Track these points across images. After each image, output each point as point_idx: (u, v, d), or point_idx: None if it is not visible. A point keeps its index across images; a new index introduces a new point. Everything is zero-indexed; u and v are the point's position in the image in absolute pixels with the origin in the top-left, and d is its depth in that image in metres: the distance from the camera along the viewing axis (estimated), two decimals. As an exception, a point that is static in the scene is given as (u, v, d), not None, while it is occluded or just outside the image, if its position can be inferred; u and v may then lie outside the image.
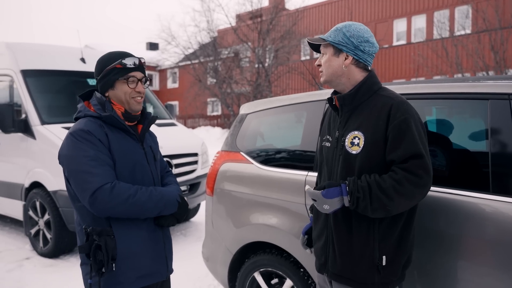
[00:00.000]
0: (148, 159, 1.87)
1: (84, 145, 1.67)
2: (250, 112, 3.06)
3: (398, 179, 1.55)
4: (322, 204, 1.62)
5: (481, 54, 15.04)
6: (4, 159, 5.40)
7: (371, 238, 1.67)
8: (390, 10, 21.04)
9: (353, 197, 1.59)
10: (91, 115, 1.76)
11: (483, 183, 1.87)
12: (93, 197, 1.61)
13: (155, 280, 1.84)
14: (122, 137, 1.79)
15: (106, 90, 1.79)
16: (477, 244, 1.84)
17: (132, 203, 1.67)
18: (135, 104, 1.81)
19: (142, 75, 1.82)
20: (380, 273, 1.68)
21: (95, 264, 1.65)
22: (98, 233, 1.68)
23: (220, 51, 21.99)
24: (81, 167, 1.64)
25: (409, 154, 1.57)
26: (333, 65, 1.74)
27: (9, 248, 5.09)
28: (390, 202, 1.56)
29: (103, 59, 1.81)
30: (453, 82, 2.12)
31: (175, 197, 1.83)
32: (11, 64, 5.36)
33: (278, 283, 2.71)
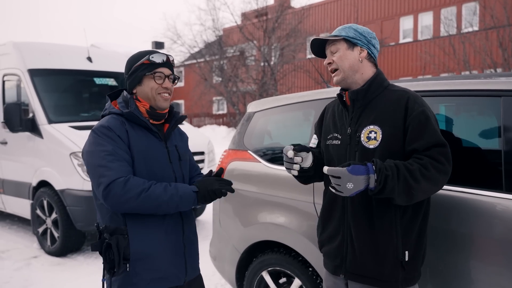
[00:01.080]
0: (171, 158, 1.84)
1: (104, 140, 1.68)
2: (258, 110, 3.04)
3: (424, 164, 1.56)
4: (346, 182, 1.50)
5: (489, 51, 14.89)
6: (11, 158, 5.43)
7: (394, 233, 1.66)
8: (396, 8, 20.91)
9: (381, 175, 1.51)
10: (114, 112, 1.79)
11: (495, 181, 1.84)
12: (106, 190, 1.60)
13: (171, 284, 1.77)
14: (144, 135, 1.78)
15: (134, 86, 1.81)
16: (489, 244, 1.82)
17: (146, 197, 1.62)
18: (161, 100, 1.80)
19: (169, 72, 1.82)
20: (404, 269, 1.67)
21: (106, 263, 1.65)
22: (111, 232, 1.67)
23: (226, 49, 21.99)
24: (98, 161, 1.65)
25: (432, 143, 1.60)
26: (349, 58, 1.75)
27: (17, 247, 5.12)
28: (416, 185, 1.53)
29: (133, 57, 1.83)
30: (465, 79, 2.09)
31: (191, 188, 1.73)
32: (18, 63, 5.38)
33: (286, 283, 2.69)
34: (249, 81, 21.06)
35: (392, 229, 1.66)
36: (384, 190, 1.52)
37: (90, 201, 4.48)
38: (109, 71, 6.05)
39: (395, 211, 1.66)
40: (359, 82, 1.76)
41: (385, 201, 1.66)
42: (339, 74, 1.77)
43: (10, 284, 3.98)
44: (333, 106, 1.94)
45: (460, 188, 1.90)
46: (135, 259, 1.68)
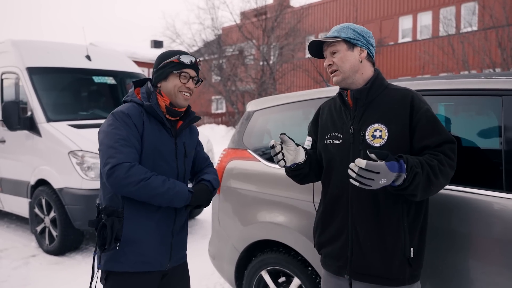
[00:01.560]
0: (177, 155, 1.95)
1: (120, 125, 1.80)
2: (257, 109, 3.03)
3: (440, 160, 1.57)
4: (382, 178, 1.42)
5: (488, 51, 14.91)
6: (10, 156, 5.41)
7: (401, 230, 1.66)
8: (395, 7, 20.92)
9: (412, 173, 1.47)
10: (135, 102, 1.91)
11: (496, 181, 1.84)
12: (111, 170, 1.71)
13: (153, 268, 1.89)
14: (158, 128, 1.89)
15: (159, 81, 1.92)
16: (489, 243, 1.81)
17: (144, 185, 1.73)
18: (181, 98, 1.91)
19: (195, 74, 1.94)
20: (411, 266, 1.67)
21: (99, 240, 1.78)
22: (108, 213, 1.80)
23: (225, 48, 21.98)
24: (111, 143, 1.76)
25: (443, 140, 1.62)
26: (349, 59, 1.75)
27: (15, 246, 5.10)
28: (436, 181, 1.54)
29: (164, 54, 1.95)
30: (465, 79, 2.09)
31: (188, 188, 1.86)
32: (17, 61, 5.36)
33: (285, 282, 2.68)
34: (248, 80, 21.05)
35: (399, 226, 1.66)
36: (409, 187, 1.50)
37: (88, 200, 4.47)
38: (108, 69, 6.04)
39: (402, 209, 1.66)
40: (359, 82, 1.77)
41: (392, 199, 1.66)
42: (339, 74, 1.77)
43: (8, 282, 3.97)
44: (329, 105, 1.93)
45: (460, 187, 1.90)
46: (125, 241, 1.82)
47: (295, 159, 1.78)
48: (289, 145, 1.76)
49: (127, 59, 6.80)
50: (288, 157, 1.76)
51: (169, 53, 1.94)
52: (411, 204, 1.68)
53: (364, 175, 1.42)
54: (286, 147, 1.76)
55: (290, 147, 1.77)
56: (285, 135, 1.76)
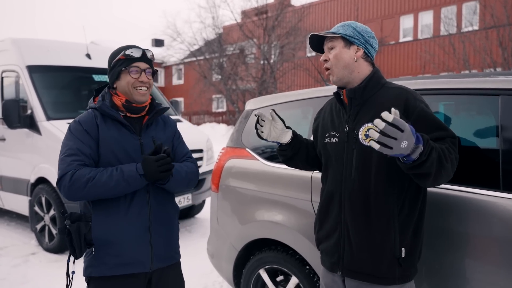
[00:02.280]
0: (144, 151, 1.86)
1: (71, 135, 1.80)
2: (256, 108, 3.03)
3: (447, 147, 1.55)
4: (404, 140, 1.30)
5: (489, 50, 14.89)
6: (10, 154, 5.42)
7: (391, 230, 1.66)
8: (396, 6, 20.88)
9: (428, 146, 1.39)
10: (91, 107, 1.89)
11: (493, 180, 1.84)
12: (59, 183, 1.73)
13: (136, 270, 1.82)
14: (115, 128, 1.85)
15: (114, 81, 1.87)
16: (487, 243, 1.81)
17: (92, 186, 1.69)
18: (137, 95, 1.84)
19: (146, 65, 1.86)
20: (401, 266, 1.67)
21: (69, 247, 1.77)
22: (74, 219, 1.77)
23: (226, 47, 21.97)
24: (60, 156, 1.78)
25: (445, 134, 1.61)
26: (344, 57, 1.75)
27: (15, 243, 5.11)
28: (446, 165, 1.48)
29: (112, 53, 1.89)
30: (463, 78, 2.09)
31: (136, 171, 1.73)
32: (17, 60, 5.37)
33: (283, 280, 2.69)
34: (249, 79, 21.04)
35: (389, 226, 1.66)
36: (425, 163, 1.40)
37: (88, 198, 4.47)
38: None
39: (393, 208, 1.66)
40: (356, 80, 1.77)
41: (383, 197, 1.66)
42: (334, 74, 1.78)
43: (7, 280, 3.98)
44: (331, 104, 1.95)
45: (458, 186, 1.90)
46: (98, 244, 1.78)
47: (279, 138, 1.90)
48: (276, 123, 1.88)
49: (127, 57, 6.78)
50: (272, 134, 1.88)
51: (117, 51, 1.87)
52: (403, 203, 1.67)
53: (389, 132, 1.29)
54: (274, 124, 1.87)
55: (277, 125, 1.88)
56: (274, 112, 1.86)
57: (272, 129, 1.87)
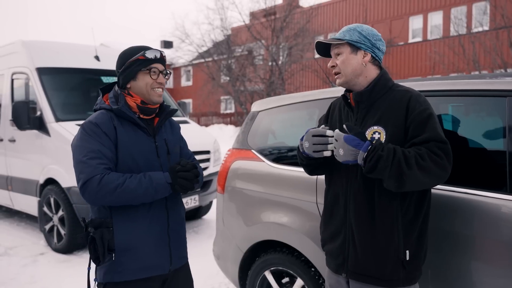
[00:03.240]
0: (159, 153, 1.88)
1: (89, 137, 1.74)
2: (262, 110, 3.03)
3: (421, 154, 1.55)
4: (339, 148, 1.58)
5: (499, 51, 14.74)
6: (19, 155, 5.48)
7: (395, 232, 1.65)
8: (405, 7, 20.76)
9: (375, 154, 1.51)
10: (104, 108, 1.84)
11: (500, 183, 1.82)
12: (84, 187, 1.67)
13: (155, 273, 1.84)
14: (132, 130, 1.82)
15: (128, 81, 1.84)
16: (493, 245, 1.79)
17: (121, 192, 1.68)
18: (155, 96, 1.84)
19: (163, 67, 1.87)
20: (406, 269, 1.66)
21: (91, 254, 1.73)
22: (96, 225, 1.74)
23: (234, 49, 22.02)
24: (80, 157, 1.71)
25: (431, 138, 1.59)
26: (352, 63, 1.74)
27: (24, 244, 5.17)
28: (409, 172, 1.51)
29: (126, 52, 1.86)
30: (470, 79, 2.07)
31: (165, 179, 1.78)
32: (27, 62, 5.43)
33: (289, 282, 2.68)
34: (257, 80, 21.06)
35: (393, 229, 1.65)
36: (374, 170, 1.53)
37: (96, 199, 4.51)
38: (117, 70, 6.07)
39: (397, 211, 1.65)
40: (362, 84, 1.76)
41: (387, 200, 1.66)
42: (341, 77, 1.77)
43: (16, 280, 4.02)
44: (339, 104, 1.94)
45: (464, 189, 1.88)
46: (120, 250, 1.76)
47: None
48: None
49: (135, 59, 6.83)
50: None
51: (133, 50, 1.85)
52: (408, 206, 1.67)
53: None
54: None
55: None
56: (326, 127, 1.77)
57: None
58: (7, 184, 5.71)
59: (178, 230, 1.94)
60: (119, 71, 1.86)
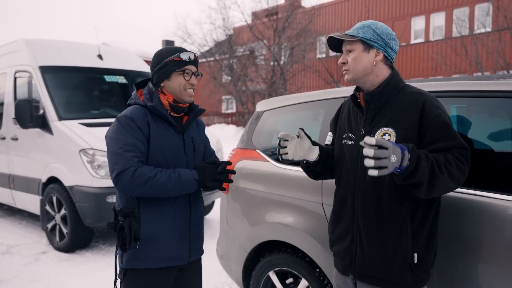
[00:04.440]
0: (186, 150, 1.97)
1: (124, 130, 1.82)
2: (267, 110, 3.02)
3: (448, 159, 1.53)
4: (392, 154, 1.36)
5: (502, 52, 14.71)
6: (22, 154, 5.48)
7: (403, 235, 1.63)
8: (408, 8, 20.73)
9: (414, 154, 1.43)
10: (139, 104, 1.92)
11: (507, 184, 1.81)
12: (117, 177, 1.76)
13: (175, 263, 1.94)
14: (164, 127, 1.91)
15: (162, 80, 1.92)
16: (501, 247, 1.78)
17: (152, 184, 1.77)
18: (187, 96, 1.93)
19: (195, 69, 1.95)
20: (413, 272, 1.64)
21: (118, 240, 1.84)
22: (125, 214, 1.85)
23: (236, 48, 22.01)
24: (115, 149, 1.80)
25: (454, 145, 1.57)
26: (363, 61, 1.70)
27: (26, 242, 5.17)
28: (441, 176, 1.48)
29: (161, 52, 1.95)
30: (477, 80, 2.06)
31: (192, 176, 1.87)
32: (30, 60, 5.43)
33: (293, 283, 2.68)
34: (259, 80, 21.05)
35: (402, 231, 1.64)
36: (416, 172, 1.43)
37: (98, 197, 4.51)
38: (119, 68, 6.08)
39: (406, 213, 1.64)
40: (373, 82, 1.73)
41: (396, 203, 1.64)
42: (349, 74, 1.74)
43: (18, 278, 4.02)
44: (349, 105, 1.91)
45: (472, 190, 1.87)
46: (144, 239, 1.86)
47: (306, 156, 1.80)
48: (304, 141, 1.78)
49: (138, 58, 6.85)
50: (298, 152, 1.78)
51: (168, 51, 1.94)
52: (417, 208, 1.65)
53: (379, 155, 1.34)
54: (301, 142, 1.78)
55: (305, 143, 1.78)
56: (303, 130, 1.77)
57: (297, 148, 1.77)
58: (9, 182, 5.71)
59: (198, 224, 2.04)
60: (153, 69, 1.94)
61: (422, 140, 1.62)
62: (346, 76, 1.75)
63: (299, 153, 1.77)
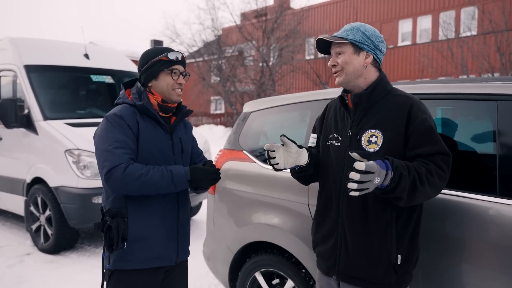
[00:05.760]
0: (174, 150, 1.97)
1: (114, 127, 1.81)
2: (254, 111, 3.03)
3: (429, 169, 1.55)
4: (376, 177, 1.41)
5: (487, 55, 14.94)
6: (6, 154, 5.39)
7: (388, 237, 1.65)
8: (395, 11, 20.93)
9: (397, 173, 1.46)
10: (127, 103, 1.92)
11: (490, 186, 1.84)
12: (108, 174, 1.73)
13: (163, 263, 1.92)
14: (152, 127, 1.91)
15: (150, 80, 1.92)
16: (483, 248, 1.81)
17: (145, 182, 1.75)
18: (175, 95, 1.93)
19: (183, 69, 1.96)
20: (397, 273, 1.67)
21: (106, 241, 1.81)
22: (112, 215, 1.83)
23: (225, 49, 21.98)
24: (105, 146, 1.78)
25: (436, 151, 1.60)
26: (354, 64, 1.71)
27: (10, 244, 5.08)
28: (421, 188, 1.51)
29: (149, 52, 1.94)
30: (461, 83, 2.09)
31: (186, 176, 1.86)
32: (15, 59, 5.35)
33: (279, 284, 2.68)
34: (247, 81, 21.04)
35: (387, 233, 1.65)
36: (396, 190, 1.48)
37: (84, 198, 4.46)
38: (106, 68, 6.03)
39: (391, 215, 1.65)
40: (361, 85, 1.74)
41: (381, 204, 1.65)
42: (341, 75, 1.74)
43: (2, 280, 3.95)
44: (335, 105, 1.91)
45: (455, 191, 1.89)
46: (132, 239, 1.84)
47: (297, 161, 1.77)
48: (290, 147, 1.74)
49: (125, 58, 6.79)
50: (288, 160, 1.74)
51: (156, 51, 1.93)
52: (401, 210, 1.67)
53: (364, 179, 1.39)
54: (287, 149, 1.74)
55: (291, 149, 1.75)
56: (285, 137, 1.73)
57: (286, 156, 1.74)
58: (-7, 183, 5.61)
59: (185, 225, 2.04)
60: (141, 69, 1.94)
61: (407, 144, 1.64)
62: (337, 78, 1.75)
63: (289, 160, 1.75)
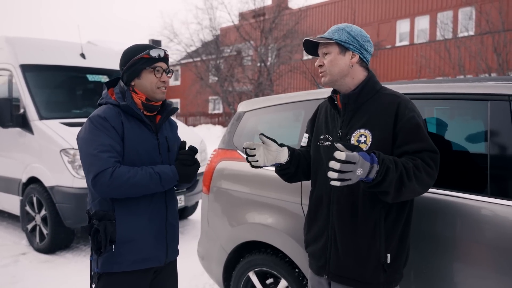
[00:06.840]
0: (161, 150, 1.93)
1: (98, 130, 1.76)
2: (248, 110, 3.03)
3: (416, 164, 1.55)
4: (358, 168, 1.39)
5: (484, 56, 14.98)
6: (1, 153, 5.38)
7: (377, 236, 1.66)
8: (393, 11, 20.97)
9: (384, 166, 1.45)
10: (111, 103, 1.86)
11: (481, 185, 1.85)
12: (95, 179, 1.70)
13: (152, 264, 1.90)
14: (137, 126, 1.87)
15: (132, 79, 1.88)
16: (474, 247, 1.82)
17: (132, 185, 1.73)
18: (159, 93, 1.89)
19: (166, 66, 1.91)
20: (386, 272, 1.67)
21: (93, 244, 1.77)
22: (99, 217, 1.78)
23: (222, 49, 21.97)
24: (90, 150, 1.74)
25: (424, 148, 1.60)
26: (339, 64, 1.72)
27: (5, 243, 5.08)
28: (408, 183, 1.51)
29: (130, 50, 1.89)
30: (453, 83, 2.09)
31: (174, 177, 1.85)
32: (11, 58, 5.34)
33: (273, 283, 2.68)
34: (245, 81, 21.04)
35: (375, 232, 1.66)
36: (382, 183, 1.47)
37: (79, 198, 4.45)
38: (103, 68, 6.02)
39: (380, 214, 1.66)
40: (349, 85, 1.75)
41: (370, 203, 1.66)
42: (326, 76, 1.75)
43: (-4, 280, 3.95)
44: (326, 106, 1.93)
45: (446, 191, 1.90)
46: (120, 241, 1.80)
47: (277, 159, 1.78)
48: (269, 146, 1.76)
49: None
50: (268, 157, 1.76)
51: (137, 48, 1.88)
52: (390, 209, 1.67)
53: (345, 169, 1.37)
54: (267, 147, 1.76)
55: (271, 147, 1.76)
56: (264, 135, 1.75)
57: (266, 153, 1.76)
58: (-11, 182, 5.60)
59: (173, 224, 2.01)
60: (123, 68, 1.89)
61: (395, 142, 1.64)
62: (323, 78, 1.77)
63: (269, 157, 1.76)
